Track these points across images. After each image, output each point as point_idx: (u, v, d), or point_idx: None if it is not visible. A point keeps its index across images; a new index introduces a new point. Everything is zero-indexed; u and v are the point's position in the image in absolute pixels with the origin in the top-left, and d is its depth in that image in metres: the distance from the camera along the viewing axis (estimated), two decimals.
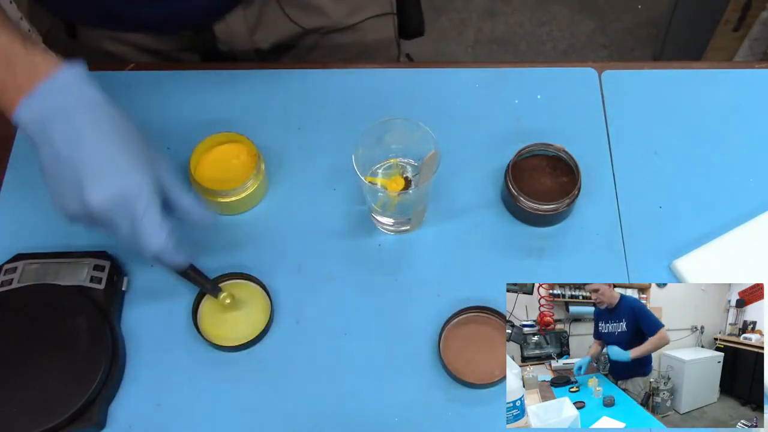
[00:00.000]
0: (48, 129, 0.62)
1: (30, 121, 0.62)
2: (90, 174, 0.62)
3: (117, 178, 0.62)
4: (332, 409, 0.72)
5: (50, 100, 0.62)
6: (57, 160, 0.62)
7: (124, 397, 0.73)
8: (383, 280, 0.79)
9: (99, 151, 0.63)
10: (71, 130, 0.62)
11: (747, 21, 1.64)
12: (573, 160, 0.80)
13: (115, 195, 0.62)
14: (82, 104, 0.63)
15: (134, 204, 0.62)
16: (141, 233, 0.64)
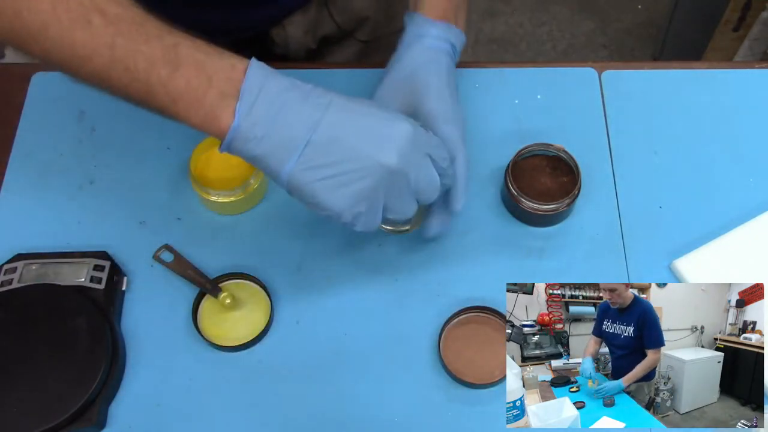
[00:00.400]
0: (286, 121, 0.58)
1: (254, 123, 0.58)
2: (370, 137, 0.59)
3: (395, 126, 0.59)
4: (332, 409, 0.72)
5: (265, 94, 0.58)
6: (316, 147, 0.58)
7: (124, 397, 0.73)
8: (383, 280, 0.79)
9: (360, 113, 0.60)
10: (312, 112, 0.59)
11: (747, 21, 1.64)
12: (573, 160, 0.80)
13: (403, 141, 0.59)
14: (295, 91, 0.59)
15: (418, 138, 0.61)
16: (436, 161, 0.63)
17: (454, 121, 0.72)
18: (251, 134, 0.58)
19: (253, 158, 0.60)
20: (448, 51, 0.76)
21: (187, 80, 0.58)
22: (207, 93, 0.58)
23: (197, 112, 0.58)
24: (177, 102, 0.59)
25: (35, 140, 0.86)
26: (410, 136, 0.60)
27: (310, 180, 0.59)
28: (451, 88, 0.74)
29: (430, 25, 0.75)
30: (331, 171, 0.59)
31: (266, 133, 0.58)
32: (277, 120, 0.58)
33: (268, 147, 0.58)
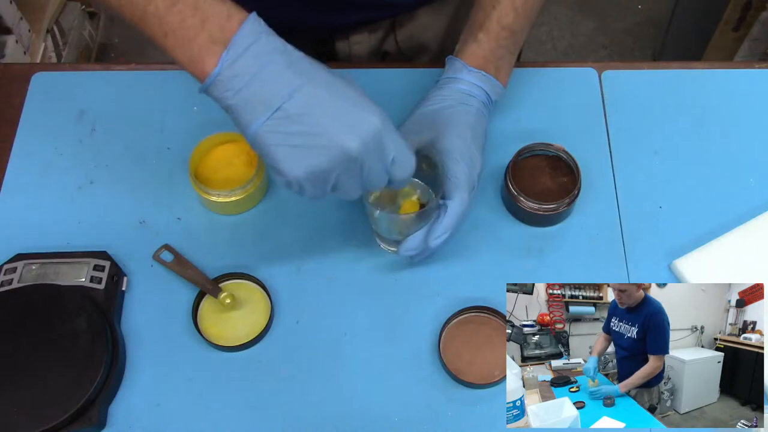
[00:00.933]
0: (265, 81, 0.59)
1: (235, 74, 0.58)
2: (339, 119, 0.59)
3: (366, 116, 0.60)
4: (332, 409, 0.72)
5: (254, 50, 0.59)
6: (286, 115, 0.59)
7: (124, 397, 0.73)
8: (383, 279, 0.79)
9: (338, 95, 0.60)
10: (293, 79, 0.59)
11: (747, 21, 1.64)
12: (573, 160, 0.80)
13: (369, 132, 0.60)
14: (284, 54, 0.60)
15: (385, 136, 0.61)
16: (398, 161, 0.63)
17: (466, 163, 0.73)
18: (230, 84, 0.59)
19: (227, 107, 0.61)
20: (481, 97, 0.78)
21: (182, 18, 0.59)
22: (198, 35, 0.59)
23: (184, 51, 0.59)
24: (167, 36, 0.59)
25: (35, 140, 0.86)
26: (377, 129, 0.60)
27: (273, 143, 0.60)
28: (475, 132, 0.76)
29: (466, 72, 0.78)
30: (294, 140, 0.59)
31: (244, 87, 0.59)
32: (258, 77, 0.59)
33: (242, 100, 0.59)
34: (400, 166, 0.64)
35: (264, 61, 0.59)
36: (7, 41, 1.65)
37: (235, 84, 0.59)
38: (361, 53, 0.96)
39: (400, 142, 0.63)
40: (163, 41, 0.60)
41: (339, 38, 0.94)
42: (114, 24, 2.20)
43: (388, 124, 0.61)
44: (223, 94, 0.59)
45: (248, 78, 0.59)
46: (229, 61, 0.58)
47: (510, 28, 0.77)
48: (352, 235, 0.81)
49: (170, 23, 0.59)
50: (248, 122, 0.59)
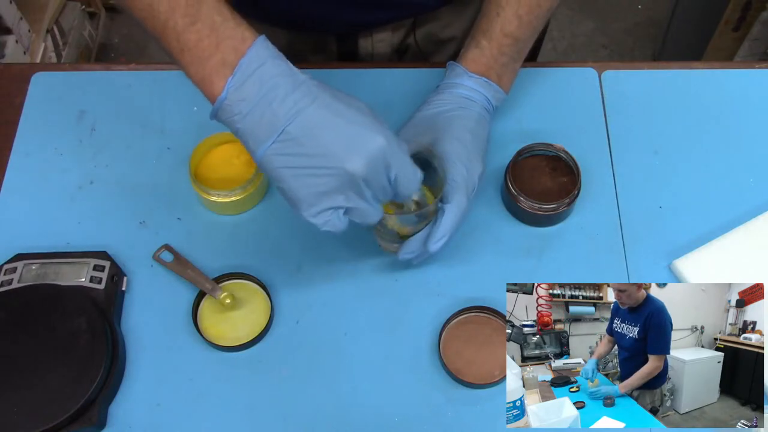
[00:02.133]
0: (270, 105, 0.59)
1: (242, 98, 0.59)
2: (342, 140, 0.60)
3: (370, 136, 0.60)
4: (332, 409, 0.72)
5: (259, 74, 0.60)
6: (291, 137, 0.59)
7: (124, 397, 0.73)
8: (383, 280, 0.79)
9: (342, 116, 0.60)
10: (297, 101, 0.60)
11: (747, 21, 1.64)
12: (573, 160, 0.80)
13: (373, 153, 0.60)
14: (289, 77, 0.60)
15: (389, 155, 0.61)
16: (401, 180, 0.63)
17: (465, 166, 0.73)
18: (236, 109, 0.60)
19: (235, 131, 0.62)
20: (482, 102, 0.78)
21: (199, 37, 0.60)
22: (212, 56, 0.60)
23: (197, 70, 0.60)
24: (183, 53, 0.61)
25: (35, 140, 0.86)
26: (381, 149, 0.61)
27: (280, 165, 0.60)
28: (475, 136, 0.76)
29: (466, 77, 0.78)
30: (300, 162, 0.60)
31: (250, 112, 0.60)
32: (263, 102, 0.59)
33: (249, 125, 0.60)
34: (405, 183, 0.64)
35: (270, 85, 0.60)
36: (7, 41, 1.65)
37: (243, 108, 0.60)
38: (383, 50, 0.96)
39: (405, 159, 0.63)
40: (179, 56, 0.61)
41: (362, 35, 0.94)
42: (114, 24, 2.20)
43: (393, 143, 0.62)
44: (231, 118, 0.60)
45: (254, 102, 0.59)
46: (236, 86, 0.59)
47: (513, 36, 0.77)
48: (352, 235, 0.80)
49: (187, 41, 0.60)
50: (255, 147, 0.60)
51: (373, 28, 0.93)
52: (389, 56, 0.97)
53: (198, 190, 0.79)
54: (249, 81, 0.59)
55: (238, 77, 0.59)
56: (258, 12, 0.87)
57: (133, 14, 0.64)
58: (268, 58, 0.60)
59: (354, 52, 0.96)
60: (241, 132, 0.61)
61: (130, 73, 0.91)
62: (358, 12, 0.89)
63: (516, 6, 0.77)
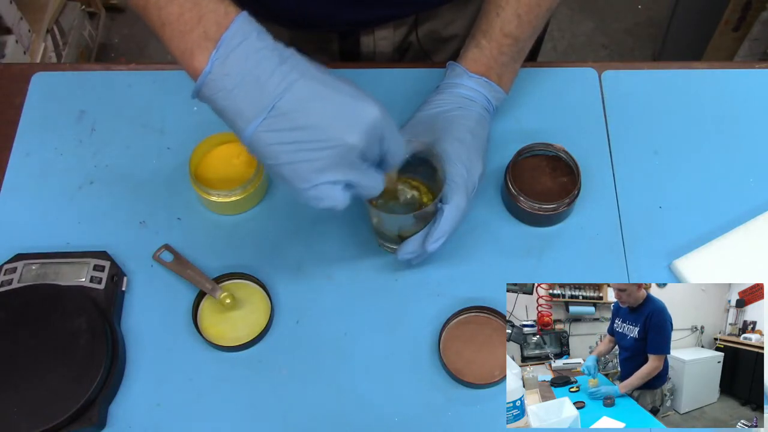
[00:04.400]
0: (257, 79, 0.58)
1: (226, 73, 0.58)
2: (337, 113, 0.59)
3: (364, 108, 0.60)
4: (332, 409, 0.72)
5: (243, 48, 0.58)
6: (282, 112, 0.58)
7: (124, 397, 0.73)
8: (383, 280, 0.79)
9: (332, 89, 0.59)
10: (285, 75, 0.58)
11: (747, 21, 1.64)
12: (573, 160, 0.80)
13: (369, 124, 0.59)
14: (274, 51, 0.59)
15: (383, 126, 0.61)
16: (390, 150, 0.63)
17: (464, 166, 0.73)
18: (221, 84, 0.58)
19: (220, 110, 0.60)
20: (482, 102, 0.78)
21: (180, 11, 0.59)
22: (193, 29, 0.58)
23: (178, 44, 0.59)
24: (164, 27, 0.59)
25: (35, 140, 0.86)
26: (376, 120, 0.60)
27: (272, 142, 0.59)
28: (475, 136, 0.76)
29: (466, 77, 0.78)
30: (294, 136, 0.59)
31: (236, 86, 0.58)
32: (250, 76, 0.58)
33: (234, 101, 0.58)
34: (394, 153, 0.64)
35: (255, 59, 0.58)
36: (7, 41, 1.65)
37: (227, 83, 0.58)
38: (385, 48, 0.96)
39: (395, 130, 0.63)
40: (160, 31, 0.60)
41: (364, 33, 0.94)
42: (114, 24, 2.20)
43: (386, 114, 0.61)
44: (215, 95, 0.59)
45: (240, 77, 0.58)
46: (220, 60, 0.58)
47: (513, 36, 0.77)
48: (352, 235, 0.81)
49: (169, 14, 0.59)
50: (244, 125, 0.59)
51: (375, 26, 0.93)
52: (391, 54, 0.97)
53: (198, 190, 0.79)
54: (233, 55, 0.58)
55: (222, 51, 0.58)
56: (260, 10, 0.86)
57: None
58: (253, 32, 0.59)
59: (356, 50, 0.96)
60: (226, 110, 0.59)
61: (130, 73, 0.91)
62: (360, 10, 0.89)
63: (515, 5, 0.77)
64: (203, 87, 0.59)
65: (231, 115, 0.59)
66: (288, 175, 0.60)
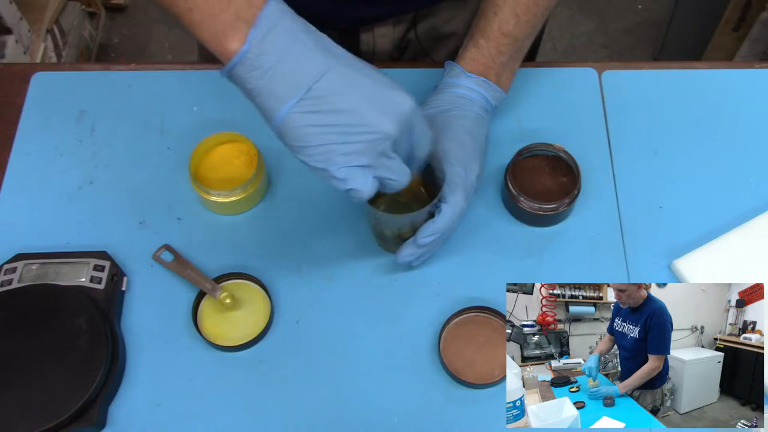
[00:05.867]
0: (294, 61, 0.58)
1: (263, 52, 0.57)
2: (374, 100, 0.59)
3: (400, 97, 0.60)
4: (332, 409, 0.72)
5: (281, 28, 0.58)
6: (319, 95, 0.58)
7: (124, 397, 0.73)
8: (383, 280, 0.79)
9: (369, 77, 0.60)
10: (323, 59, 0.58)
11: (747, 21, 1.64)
12: (573, 160, 0.80)
13: (404, 114, 0.60)
14: (310, 33, 0.59)
15: (415, 117, 0.62)
16: (418, 142, 0.64)
17: (462, 166, 0.73)
18: (258, 63, 0.58)
19: (252, 90, 0.59)
20: (480, 102, 0.78)
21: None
22: (224, 11, 0.58)
23: (209, 27, 0.58)
24: (193, 11, 0.58)
25: (35, 140, 0.86)
26: (411, 110, 0.61)
27: (305, 124, 0.59)
28: (474, 136, 0.76)
29: (464, 77, 0.78)
30: (328, 119, 0.59)
31: (273, 66, 0.58)
32: (286, 56, 0.58)
33: (270, 81, 0.58)
34: (422, 145, 0.64)
35: (292, 40, 0.58)
36: (7, 41, 1.65)
37: (264, 63, 0.57)
38: (385, 46, 0.96)
39: (424, 123, 0.64)
40: (188, 17, 0.59)
41: (364, 30, 0.94)
42: (114, 24, 2.20)
43: (417, 106, 0.62)
44: (249, 74, 0.58)
45: (276, 57, 0.57)
46: (258, 39, 0.57)
47: (511, 35, 0.77)
48: (352, 235, 0.81)
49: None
50: (278, 105, 0.58)
51: (375, 24, 0.93)
52: (390, 52, 0.97)
53: (198, 190, 0.79)
54: (271, 34, 0.57)
55: (260, 29, 0.57)
56: None
57: None
58: (287, 13, 0.59)
59: (355, 47, 0.96)
60: (259, 90, 0.58)
61: (130, 73, 0.91)
62: (360, 7, 0.89)
63: (513, 5, 0.77)
64: (237, 66, 0.58)
65: (264, 95, 0.59)
66: (318, 158, 0.60)
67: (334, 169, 0.60)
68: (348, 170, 0.60)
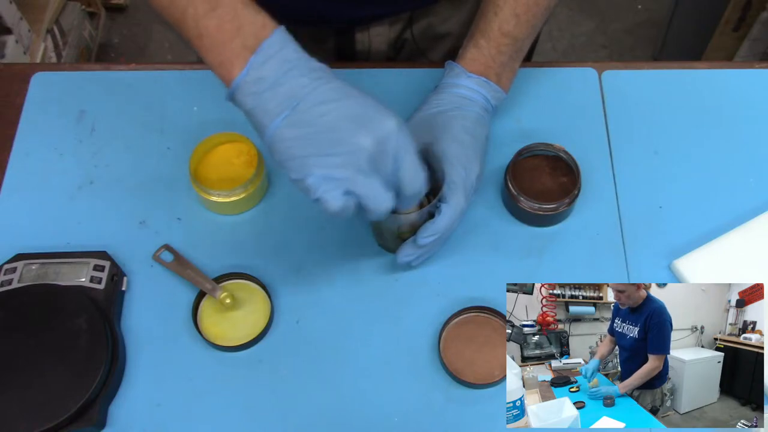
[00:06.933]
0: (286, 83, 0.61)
1: (260, 77, 0.61)
2: (354, 118, 0.61)
3: (381, 118, 0.62)
4: (332, 409, 0.72)
5: (279, 56, 0.62)
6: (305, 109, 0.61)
7: (124, 397, 0.73)
8: (383, 280, 0.79)
9: (355, 98, 0.62)
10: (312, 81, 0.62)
11: (747, 21, 1.64)
12: (573, 160, 0.80)
13: (383, 133, 0.61)
14: (306, 62, 0.63)
15: (399, 139, 0.62)
16: (405, 174, 0.64)
17: (463, 167, 0.73)
18: (254, 87, 0.61)
19: (249, 111, 0.63)
20: (480, 102, 0.78)
21: (219, 23, 0.62)
22: (232, 40, 0.62)
23: (217, 54, 0.62)
24: (202, 38, 0.63)
25: (35, 140, 0.86)
26: (392, 131, 0.62)
27: (290, 137, 0.61)
28: (474, 136, 0.76)
29: (465, 77, 0.78)
30: (308, 133, 0.61)
31: (266, 89, 0.61)
32: (280, 81, 0.61)
33: (263, 101, 0.61)
34: (409, 178, 0.64)
35: (288, 67, 0.61)
36: (7, 41, 1.65)
37: (260, 87, 0.61)
38: (381, 46, 0.96)
39: (412, 154, 0.64)
40: (198, 42, 0.63)
41: (360, 30, 0.94)
42: (114, 24, 2.20)
43: (403, 131, 0.63)
44: (246, 97, 0.62)
45: (272, 81, 0.61)
46: (257, 65, 0.61)
47: (511, 35, 0.77)
48: (352, 235, 0.81)
49: (207, 26, 0.62)
50: (268, 121, 0.62)
51: (370, 23, 0.93)
52: (386, 51, 0.97)
53: (198, 190, 0.79)
54: (270, 61, 0.61)
55: (260, 56, 0.61)
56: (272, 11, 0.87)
57: (154, 6, 0.65)
58: (289, 43, 0.63)
59: (351, 47, 0.96)
60: (254, 109, 0.62)
61: (130, 73, 0.91)
62: (356, 6, 0.89)
63: (513, 5, 0.77)
64: (237, 89, 0.62)
65: (259, 113, 0.62)
66: (296, 169, 0.62)
67: (307, 179, 0.62)
68: (319, 180, 0.62)
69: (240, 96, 0.62)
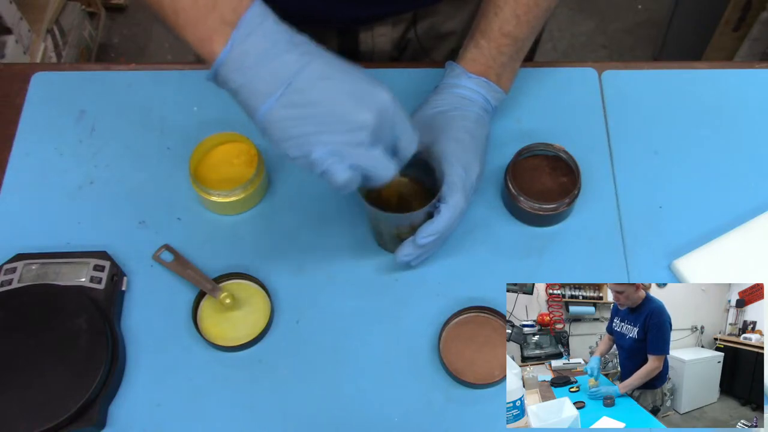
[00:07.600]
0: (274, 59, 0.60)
1: (245, 52, 0.60)
2: (351, 93, 0.61)
3: (377, 91, 0.62)
4: (332, 409, 0.72)
5: (261, 30, 0.60)
6: (298, 89, 0.60)
7: (124, 397, 0.73)
8: (383, 279, 0.79)
9: (347, 73, 0.62)
10: (301, 56, 0.61)
11: (747, 21, 1.64)
12: (573, 160, 0.80)
13: (381, 106, 0.62)
14: (289, 35, 0.62)
15: (394, 111, 0.63)
16: (402, 140, 0.64)
17: (462, 167, 0.73)
18: (240, 63, 0.60)
19: (236, 89, 0.61)
20: (480, 102, 0.78)
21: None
22: (209, 15, 0.60)
23: (194, 30, 0.61)
24: (179, 15, 0.61)
25: (35, 140, 0.86)
26: (388, 103, 0.62)
27: (285, 117, 0.61)
28: (474, 137, 0.76)
29: (465, 78, 0.78)
30: (306, 111, 0.60)
31: (253, 65, 0.60)
32: (267, 55, 0.60)
33: (251, 79, 0.60)
34: (406, 143, 0.65)
35: (272, 40, 0.60)
36: (7, 41, 1.65)
37: (245, 62, 0.60)
38: (384, 45, 0.96)
39: (406, 118, 0.64)
40: (174, 20, 0.61)
41: (363, 29, 0.94)
42: (114, 24, 2.20)
43: (397, 103, 0.63)
44: (232, 74, 0.60)
45: (257, 56, 0.60)
46: (240, 39, 0.59)
47: (512, 36, 0.77)
48: (352, 235, 0.81)
49: (183, 2, 0.60)
50: (259, 101, 0.60)
51: (374, 23, 0.93)
52: (390, 51, 0.97)
53: (198, 190, 0.79)
54: (253, 35, 0.60)
55: (242, 30, 0.60)
56: None
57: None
58: (269, 16, 0.61)
59: (355, 47, 0.96)
60: (242, 88, 0.61)
61: (130, 73, 0.91)
62: (359, 6, 0.89)
63: (514, 5, 0.77)
64: (221, 67, 0.60)
65: (247, 93, 0.61)
66: (297, 147, 0.61)
67: (311, 155, 0.61)
68: (324, 155, 0.61)
69: (225, 72, 0.61)
